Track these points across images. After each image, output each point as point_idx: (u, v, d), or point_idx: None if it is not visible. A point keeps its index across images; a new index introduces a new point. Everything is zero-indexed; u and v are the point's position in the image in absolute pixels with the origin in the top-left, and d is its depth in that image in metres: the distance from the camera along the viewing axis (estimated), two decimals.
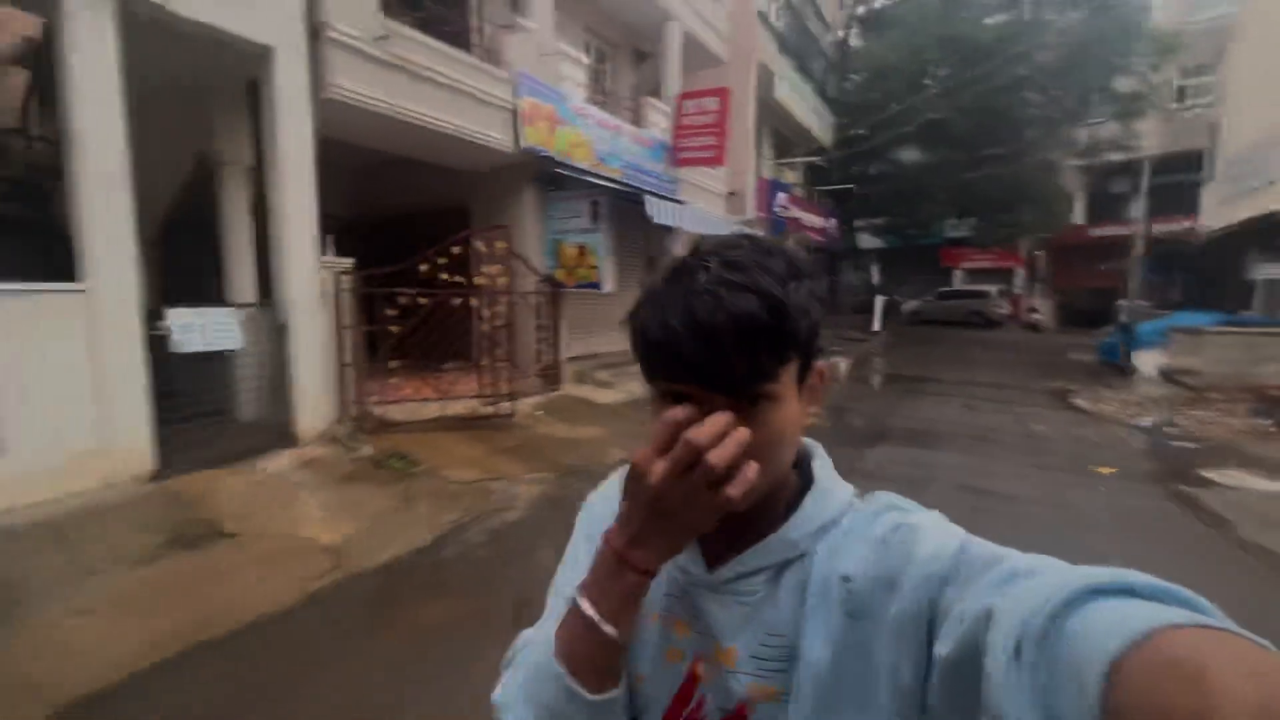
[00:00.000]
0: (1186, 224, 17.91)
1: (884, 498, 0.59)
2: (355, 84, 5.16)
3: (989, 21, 19.00)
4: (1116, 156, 20.02)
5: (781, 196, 14.71)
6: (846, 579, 0.53)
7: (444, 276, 5.54)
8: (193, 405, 4.51)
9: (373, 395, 5.48)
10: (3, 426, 3.47)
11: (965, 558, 0.47)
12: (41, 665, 2.47)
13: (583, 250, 7.45)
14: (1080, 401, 8.68)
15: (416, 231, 7.80)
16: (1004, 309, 24.19)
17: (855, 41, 22.30)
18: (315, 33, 4.88)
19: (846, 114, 19.94)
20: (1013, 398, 9.03)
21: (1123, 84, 18.47)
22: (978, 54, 17.11)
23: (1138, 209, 18.19)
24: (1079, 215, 24.36)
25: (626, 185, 8.57)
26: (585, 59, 8.28)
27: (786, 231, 15.56)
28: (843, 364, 12.12)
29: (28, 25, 3.80)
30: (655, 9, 9.90)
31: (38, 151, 6.70)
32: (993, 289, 24.53)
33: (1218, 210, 14.10)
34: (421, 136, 6.19)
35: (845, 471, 0.62)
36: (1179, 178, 19.41)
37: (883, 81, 18.99)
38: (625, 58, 10.85)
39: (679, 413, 0.49)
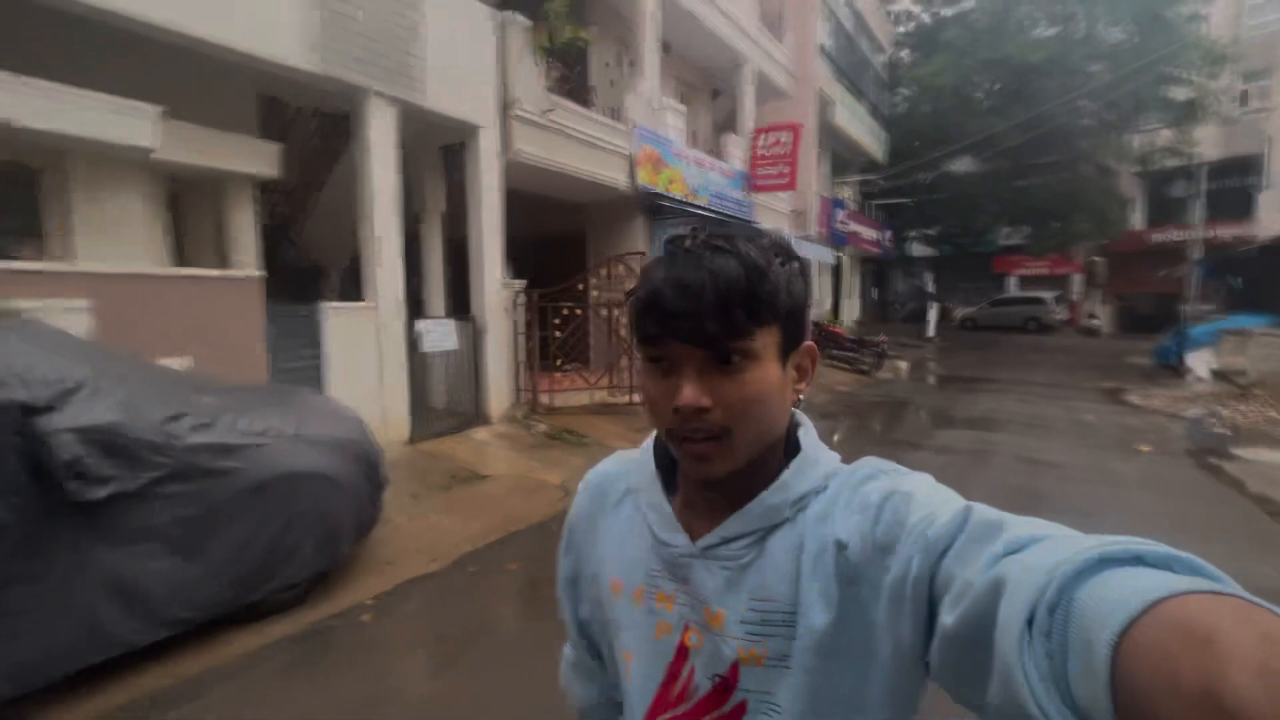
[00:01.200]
0: (1244, 229, 18.12)
1: (872, 462, 0.59)
2: (530, 146, 6.74)
3: (1039, 34, 19.70)
4: (1173, 163, 20.33)
5: (840, 213, 15.87)
6: (842, 545, 0.54)
7: (594, 293, 7.04)
8: (426, 390, 6.10)
9: (539, 386, 7.00)
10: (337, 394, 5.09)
11: (967, 525, 0.45)
12: (425, 540, 3.98)
13: None
14: (1130, 397, 9.54)
15: (544, 255, 9.41)
16: (1060, 315, 24.47)
17: (906, 55, 23.25)
18: (506, 111, 6.47)
19: (899, 129, 20.91)
20: (1066, 394, 9.94)
21: (1178, 91, 18.87)
22: (1027, 73, 17.90)
23: (1195, 214, 18.54)
24: (1138, 220, 24.51)
25: (713, 212, 9.99)
26: (682, 108, 9.74)
27: (845, 245, 16.70)
28: (903, 365, 13.16)
29: (271, 157, 5.27)
30: (731, 55, 11.35)
31: None
32: (1049, 295, 24.84)
33: (1276, 216, 14.50)
34: (562, 180, 7.74)
35: (917, 447, 1.52)
36: (1238, 182, 19.62)
37: (933, 101, 19.91)
38: (704, 97, 12.32)
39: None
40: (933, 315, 20.20)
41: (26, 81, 3.71)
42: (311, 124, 6.91)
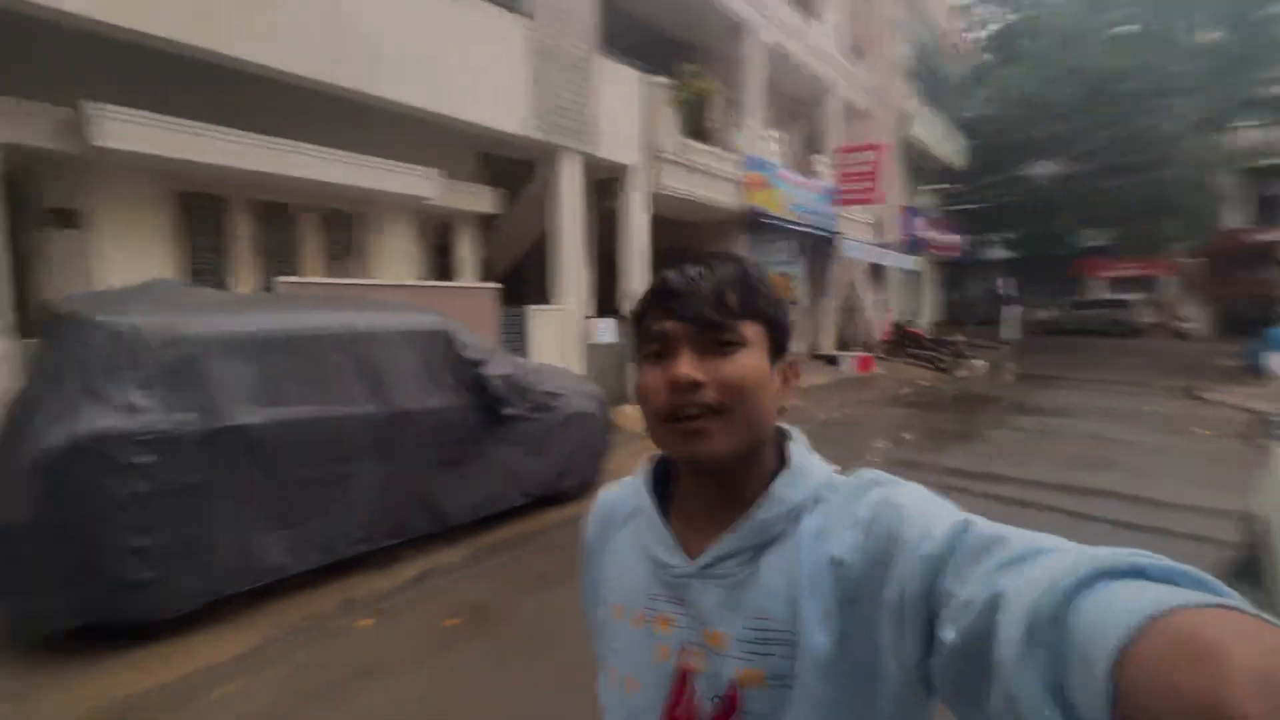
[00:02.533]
0: None
1: (865, 474, 0.59)
2: (671, 181, 8.38)
3: (1119, 31, 19.77)
4: (1270, 161, 19.95)
5: (918, 221, 16.79)
6: (838, 562, 0.54)
7: None
8: (595, 375, 7.82)
9: None
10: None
11: (965, 538, 0.45)
12: (632, 466, 5.62)
13: (787, 278, 10.31)
14: (1206, 394, 10.19)
15: (662, 267, 11.05)
16: (1148, 317, 24.07)
17: (986, 56, 23.62)
18: (651, 153, 8.14)
19: (979, 132, 21.39)
20: (1141, 391, 10.66)
21: (1274, 90, 18.61)
22: (1110, 77, 18.18)
23: None
24: (1240, 220, 23.83)
25: (806, 226, 11.36)
26: (780, 135, 11.18)
27: (923, 250, 17.57)
28: (979, 364, 14.01)
29: (491, 199, 7.13)
30: (820, 86, 12.69)
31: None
32: (1134, 297, 24.47)
33: None
34: (689, 205, 9.34)
35: (994, 429, 2.53)
36: None
37: (1013, 109, 20.37)
38: (794, 121, 13.70)
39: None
40: (1010, 317, 20.57)
41: (353, 156, 5.61)
42: (501, 169, 8.80)
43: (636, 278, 8.21)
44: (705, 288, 0.58)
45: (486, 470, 3.96)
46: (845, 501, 0.57)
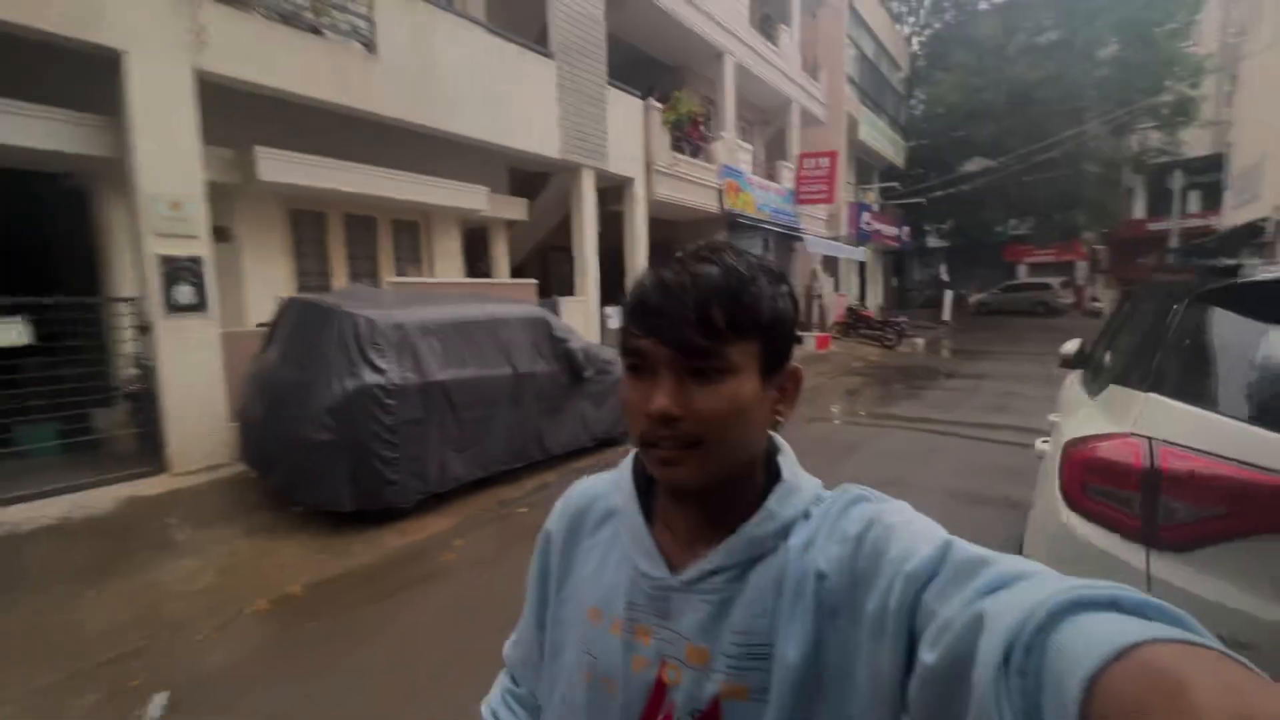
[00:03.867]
0: (1216, 220, 20.75)
1: (852, 490, 0.59)
2: (663, 189, 9.94)
3: (1037, 41, 22.33)
4: (1161, 160, 22.99)
5: (865, 215, 18.87)
6: (822, 576, 0.54)
7: None
8: None
9: None
10: None
11: (949, 560, 0.46)
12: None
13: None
14: None
15: (653, 262, 12.63)
16: (1067, 299, 27.13)
17: (922, 62, 26.00)
18: (649, 167, 9.67)
19: (915, 135, 23.76)
20: (1047, 360, 12.93)
21: (1166, 98, 21.52)
22: (1027, 87, 20.66)
23: (1189, 205, 21.17)
24: (1139, 211, 27.07)
25: (773, 224, 13.12)
26: (750, 146, 12.86)
27: (870, 241, 19.69)
28: (920, 341, 16.19)
29: (521, 207, 8.53)
30: (781, 100, 14.42)
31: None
32: (1055, 281, 27.51)
33: (1234, 212, 17.19)
34: (677, 209, 10.91)
35: (927, 388, 4.04)
36: (1214, 178, 22.15)
37: (945, 115, 22.74)
38: (760, 131, 15.41)
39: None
40: (948, 300, 23.06)
41: (421, 177, 6.96)
42: (520, 179, 10.16)
43: (635, 268, 9.78)
44: (688, 304, 0.53)
45: (571, 418, 5.49)
46: (833, 517, 0.57)
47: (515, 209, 8.39)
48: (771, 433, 0.62)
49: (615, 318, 9.26)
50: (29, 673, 2.59)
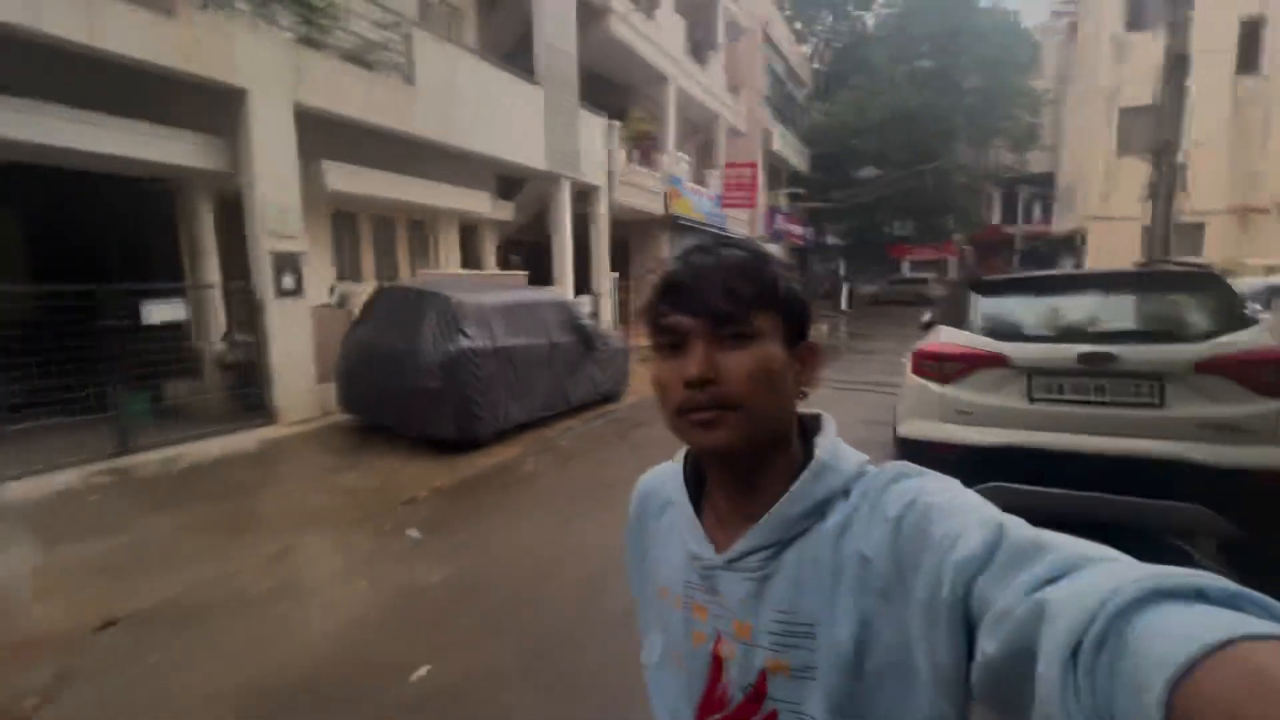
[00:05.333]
0: (1049, 226, 25.38)
1: (893, 468, 0.59)
2: (622, 195, 11.68)
3: (917, 66, 26.12)
4: (1010, 175, 27.59)
5: (779, 217, 21.53)
6: (866, 560, 0.54)
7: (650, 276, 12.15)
8: None
9: (629, 333, 12.02)
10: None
11: (1003, 545, 0.44)
12: (644, 382, 8.99)
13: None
14: None
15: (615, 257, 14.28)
16: (939, 290, 31.63)
17: (821, 79, 29.29)
18: (610, 178, 11.39)
19: (816, 145, 26.92)
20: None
21: (1016, 122, 25.91)
22: (908, 109, 24.24)
23: (1039, 212, 25.68)
24: (996, 217, 32.00)
25: (707, 225, 15.22)
26: (688, 158, 14.83)
27: (782, 240, 22.41)
28: (824, 328, 18.99)
29: (509, 210, 10.04)
30: (710, 115, 16.54)
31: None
32: (931, 276, 31.94)
33: (1060, 221, 21.46)
34: (628, 212, 12.68)
35: (838, 360, 6.15)
36: (1050, 190, 27.03)
37: (840, 129, 26.04)
38: (690, 140, 17.46)
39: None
40: (845, 292, 26.43)
41: (436, 185, 8.34)
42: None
43: (601, 263, 11.47)
44: (715, 279, 0.58)
45: (584, 378, 7.17)
46: (873, 496, 0.56)
47: (504, 211, 9.84)
48: (819, 412, 0.66)
49: (586, 305, 10.91)
50: (275, 537, 4.03)
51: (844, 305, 25.94)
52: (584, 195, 11.31)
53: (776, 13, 22.19)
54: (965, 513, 0.49)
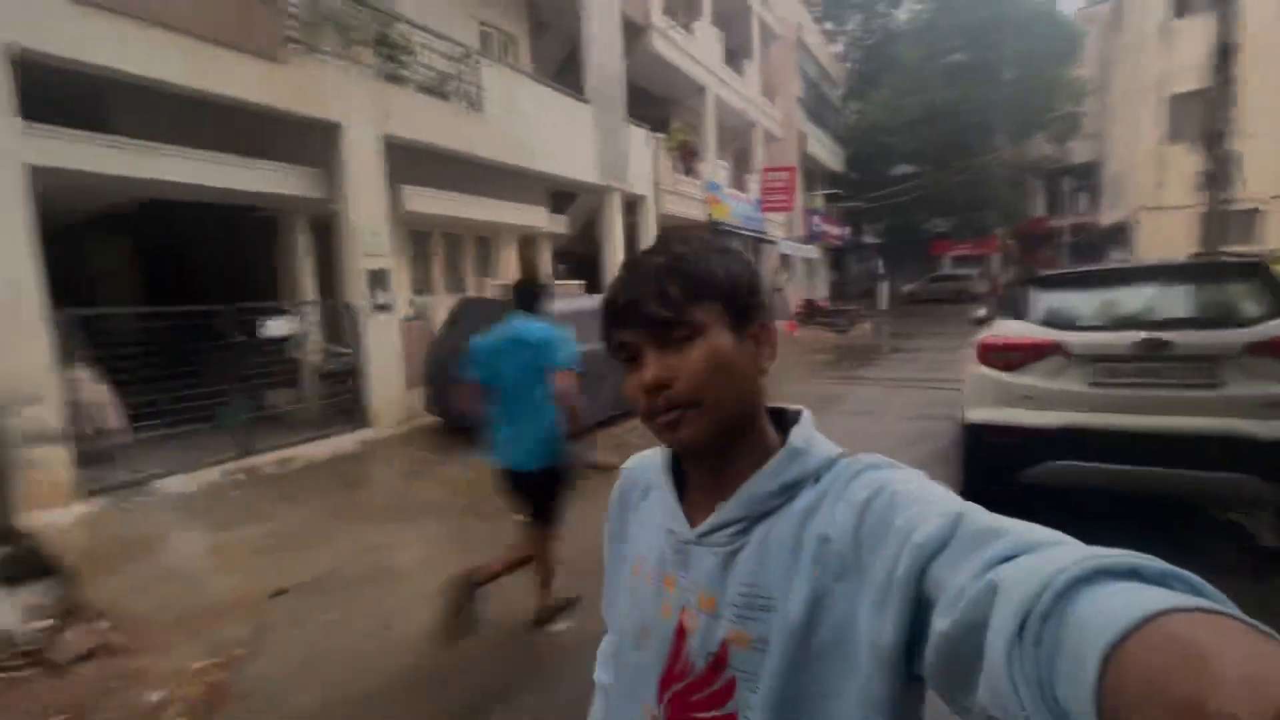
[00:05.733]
0: (1095, 217, 24.78)
1: (865, 458, 0.61)
2: (667, 204, 12.10)
3: (951, 61, 25.87)
4: (1053, 166, 27.05)
5: (815, 218, 21.66)
6: (826, 539, 0.56)
7: None
8: None
9: None
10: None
11: (960, 530, 0.46)
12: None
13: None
14: None
15: None
16: (982, 288, 31.05)
17: (856, 77, 29.25)
18: (655, 188, 11.82)
19: (850, 144, 26.90)
20: (969, 337, 15.91)
21: (1058, 113, 25.45)
22: (945, 104, 24.06)
23: (1084, 203, 25.14)
24: (1040, 209, 31.32)
25: (744, 229, 15.53)
26: (727, 165, 15.19)
27: (819, 240, 22.51)
28: (867, 326, 19.04)
29: (564, 223, 10.52)
30: (747, 121, 16.87)
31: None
32: (973, 272, 31.39)
33: (1108, 213, 20.98)
34: (671, 220, 13.10)
35: (879, 360, 6.47)
36: (1097, 181, 26.38)
37: (875, 131, 26.00)
38: (727, 147, 17.83)
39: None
40: (884, 291, 26.29)
41: (491, 201, 8.88)
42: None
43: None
44: (647, 288, 0.60)
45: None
46: (842, 482, 0.59)
47: (559, 224, 10.36)
48: (796, 408, 0.69)
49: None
50: (397, 524, 4.53)
51: (883, 304, 25.82)
52: (630, 206, 11.77)
53: (807, 15, 22.39)
54: (929, 502, 0.51)
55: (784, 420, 0.68)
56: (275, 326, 5.86)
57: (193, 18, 4.93)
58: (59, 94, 4.75)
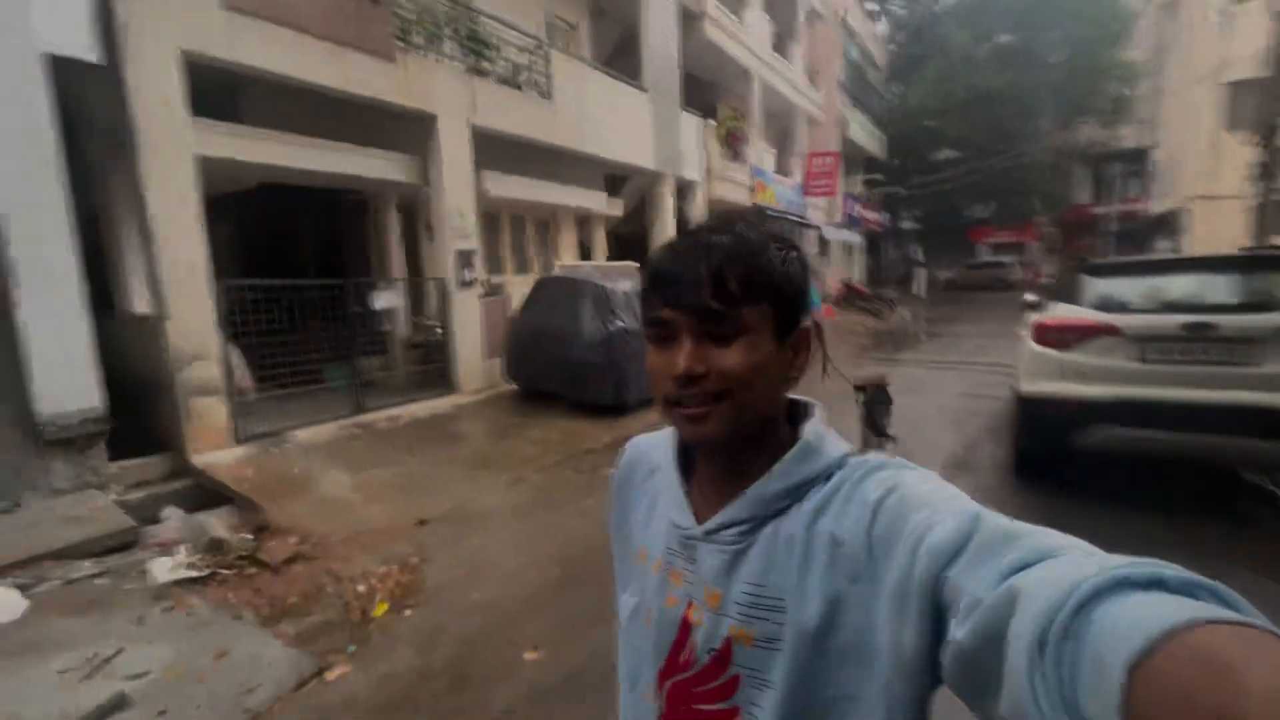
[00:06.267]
0: (1145, 205, 24.28)
1: (876, 459, 0.60)
2: (717, 189, 12.49)
3: (998, 42, 25.35)
4: (1100, 151, 26.49)
5: (854, 204, 21.73)
6: (838, 542, 0.55)
7: None
8: None
9: None
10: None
11: (977, 534, 0.45)
12: None
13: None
14: None
15: None
16: (1021, 275, 30.65)
17: (899, 61, 28.88)
18: (709, 173, 12.21)
19: (892, 126, 26.67)
20: (1008, 323, 16.03)
21: (1108, 96, 24.86)
22: (990, 92, 23.72)
23: (1132, 190, 24.66)
24: (1084, 197, 30.69)
25: (789, 214, 15.82)
26: (773, 150, 15.43)
27: (859, 226, 22.59)
28: (906, 313, 19.17)
29: (619, 206, 11.01)
30: (790, 105, 17.05)
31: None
32: (1011, 259, 30.98)
33: (1158, 201, 20.62)
34: (722, 205, 13.48)
35: (920, 345, 6.75)
36: (1147, 167, 25.77)
37: (918, 112, 25.72)
38: (772, 130, 18.03)
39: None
40: (922, 278, 26.22)
41: (554, 185, 9.38)
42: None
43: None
44: (703, 271, 0.57)
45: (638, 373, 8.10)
46: (853, 482, 0.58)
47: (615, 207, 10.86)
48: (807, 400, 0.67)
49: None
50: (502, 472, 5.15)
51: (920, 292, 25.78)
52: (680, 190, 12.18)
53: None
54: (942, 503, 0.50)
55: (795, 412, 0.67)
56: (384, 299, 6.50)
57: (324, 20, 5.51)
58: (200, 88, 5.39)
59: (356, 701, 2.39)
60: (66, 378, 4.09)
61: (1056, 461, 4.12)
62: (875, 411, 4.24)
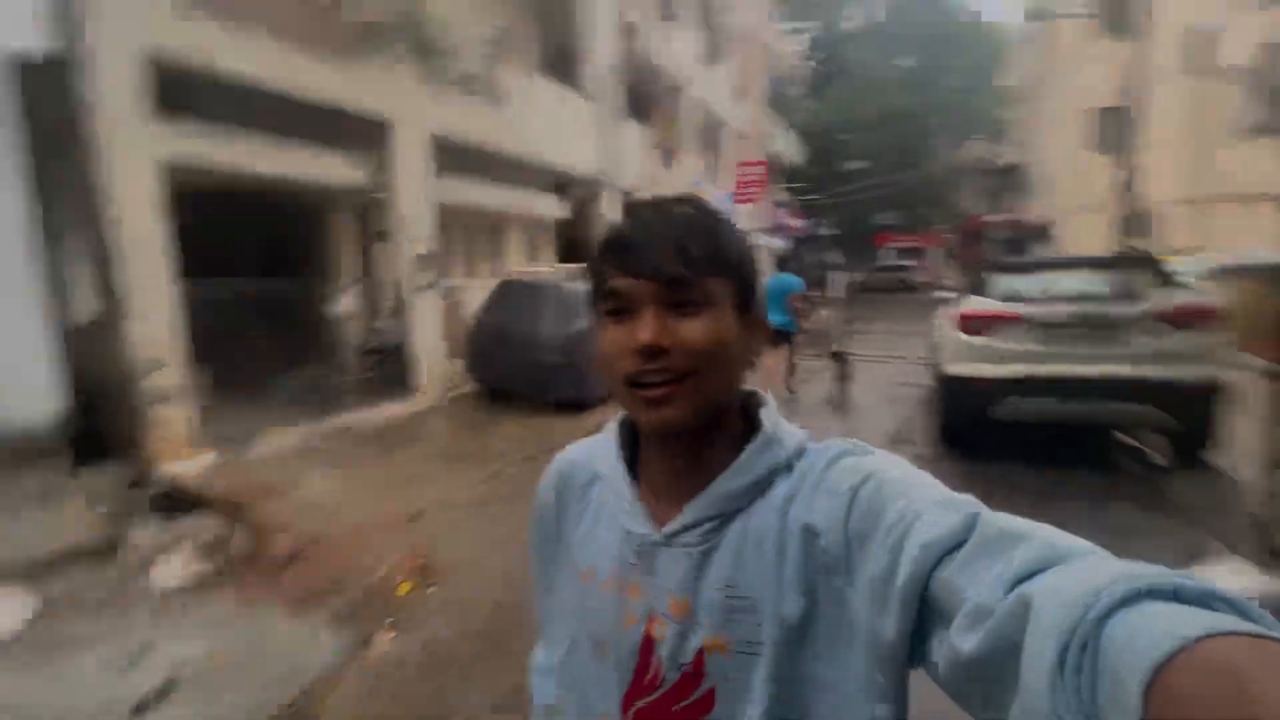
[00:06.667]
0: (1022, 217, 27.17)
1: (837, 443, 0.59)
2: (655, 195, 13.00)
3: (901, 64, 27.70)
4: (988, 166, 29.44)
5: (780, 211, 23.02)
6: (813, 532, 0.54)
7: None
8: None
9: None
10: None
11: (975, 532, 0.44)
12: None
13: None
14: None
15: None
16: (921, 278, 33.34)
17: (813, 74, 30.83)
18: (644, 180, 12.71)
19: (811, 142, 28.47)
20: (914, 321, 17.62)
21: (995, 118, 27.70)
22: (893, 108, 25.89)
23: (1016, 202, 27.44)
24: (980, 207, 33.84)
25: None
26: (706, 160, 16.15)
27: (784, 232, 23.92)
28: (826, 313, 20.51)
29: (566, 208, 11.34)
30: (720, 120, 17.94)
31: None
32: (913, 264, 33.65)
33: (1035, 210, 23.24)
34: None
35: (847, 338, 7.62)
36: (1027, 181, 28.89)
37: (830, 126, 27.65)
38: (702, 141, 18.85)
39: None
40: (837, 280, 27.99)
41: (503, 189, 9.60)
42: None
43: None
44: (666, 238, 0.55)
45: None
46: (818, 469, 0.56)
47: (564, 211, 11.13)
48: (757, 389, 0.64)
49: None
50: (480, 467, 5.36)
51: (833, 293, 27.49)
52: (623, 196, 12.60)
53: (774, 17, 23.59)
54: (920, 490, 0.49)
55: (743, 403, 0.65)
56: (342, 304, 6.47)
57: (283, 23, 5.50)
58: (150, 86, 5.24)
59: (406, 663, 2.60)
60: (28, 385, 3.93)
61: (977, 430, 4.85)
62: (846, 373, 4.82)
